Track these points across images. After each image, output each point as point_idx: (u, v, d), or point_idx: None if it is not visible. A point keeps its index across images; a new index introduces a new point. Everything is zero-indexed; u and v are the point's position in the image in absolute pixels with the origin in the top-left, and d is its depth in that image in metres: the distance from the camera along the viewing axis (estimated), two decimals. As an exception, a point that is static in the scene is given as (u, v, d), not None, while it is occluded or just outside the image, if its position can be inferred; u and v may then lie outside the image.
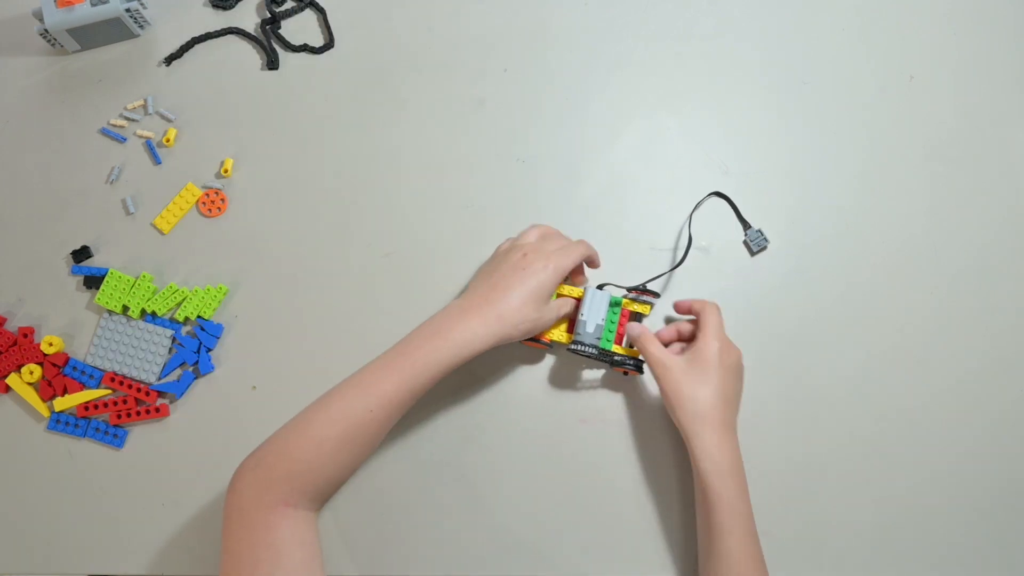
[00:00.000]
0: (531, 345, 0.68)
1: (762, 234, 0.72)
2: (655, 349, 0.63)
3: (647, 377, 0.69)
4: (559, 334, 0.67)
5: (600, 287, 0.68)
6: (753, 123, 0.78)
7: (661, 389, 0.62)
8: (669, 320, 0.71)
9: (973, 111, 0.77)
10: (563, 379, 0.70)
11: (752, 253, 0.73)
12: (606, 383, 0.70)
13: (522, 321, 0.60)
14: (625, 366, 0.65)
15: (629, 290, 0.68)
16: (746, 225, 0.73)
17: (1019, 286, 0.71)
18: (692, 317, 0.67)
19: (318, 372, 0.71)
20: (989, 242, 0.73)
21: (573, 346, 0.65)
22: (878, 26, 0.81)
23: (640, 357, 0.65)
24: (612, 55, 0.81)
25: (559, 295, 0.67)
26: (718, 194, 0.74)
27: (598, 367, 0.70)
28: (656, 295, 0.68)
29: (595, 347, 0.65)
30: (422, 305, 0.72)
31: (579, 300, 0.67)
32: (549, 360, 0.71)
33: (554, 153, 0.77)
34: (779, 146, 0.77)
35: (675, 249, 0.73)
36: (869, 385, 0.69)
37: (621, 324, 0.67)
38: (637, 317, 0.69)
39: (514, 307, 0.60)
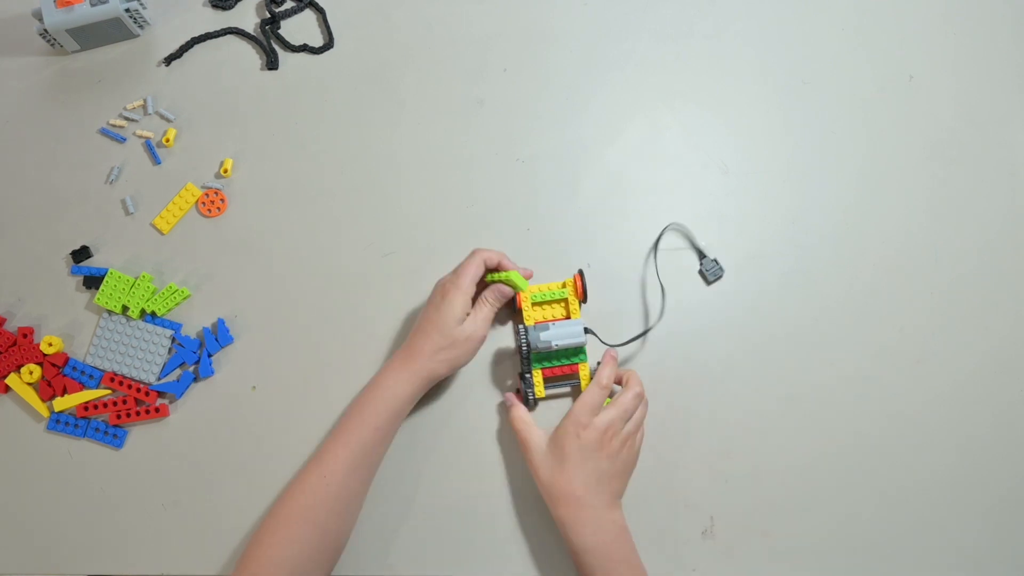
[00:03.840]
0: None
1: (717, 263, 0.72)
2: (520, 424, 0.65)
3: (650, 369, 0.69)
4: (528, 315, 0.68)
5: (587, 330, 0.67)
6: (753, 123, 0.78)
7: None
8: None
9: (973, 111, 0.77)
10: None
11: (708, 282, 0.72)
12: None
13: (436, 351, 0.63)
14: (522, 390, 0.66)
15: (607, 351, 0.67)
16: (701, 255, 0.72)
17: (1019, 286, 0.71)
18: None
19: (318, 372, 0.71)
20: (989, 242, 0.73)
21: (521, 328, 0.66)
22: (878, 26, 0.81)
23: (530, 396, 0.66)
24: (612, 55, 0.81)
25: (550, 290, 0.69)
26: (670, 226, 0.73)
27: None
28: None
29: (528, 351, 0.65)
30: (421, 305, 0.72)
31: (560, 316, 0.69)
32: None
33: (554, 153, 0.77)
34: (779, 146, 0.77)
35: (677, 249, 0.73)
36: (869, 385, 0.69)
37: (563, 368, 0.67)
38: (571, 376, 0.68)
39: (422, 342, 0.63)
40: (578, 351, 0.68)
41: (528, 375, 0.66)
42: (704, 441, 0.67)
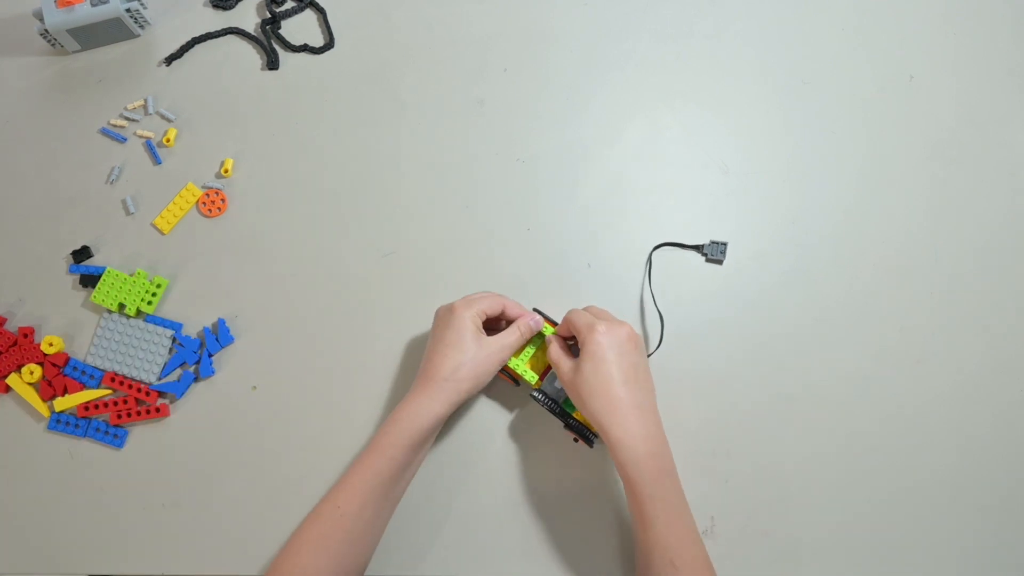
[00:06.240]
0: (501, 376, 0.68)
1: (716, 243, 0.72)
2: (553, 351, 0.63)
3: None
4: (530, 375, 0.66)
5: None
6: (753, 123, 0.78)
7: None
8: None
9: (973, 111, 0.77)
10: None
11: (720, 263, 0.72)
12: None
13: (455, 369, 0.61)
14: (577, 432, 0.64)
15: None
16: (698, 248, 0.73)
17: (1019, 286, 0.71)
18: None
19: (318, 372, 0.71)
20: (989, 242, 0.73)
21: (535, 393, 0.64)
22: (878, 26, 0.81)
23: (590, 435, 0.64)
24: (612, 55, 0.81)
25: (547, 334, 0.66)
26: (660, 246, 0.73)
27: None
28: None
29: (556, 403, 0.64)
30: (422, 305, 0.71)
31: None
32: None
33: (554, 153, 0.77)
34: (779, 146, 0.77)
35: (673, 259, 0.73)
36: (869, 385, 0.69)
37: None
38: None
39: (438, 363, 0.61)
40: None
41: (573, 422, 0.64)
42: (704, 441, 0.67)
